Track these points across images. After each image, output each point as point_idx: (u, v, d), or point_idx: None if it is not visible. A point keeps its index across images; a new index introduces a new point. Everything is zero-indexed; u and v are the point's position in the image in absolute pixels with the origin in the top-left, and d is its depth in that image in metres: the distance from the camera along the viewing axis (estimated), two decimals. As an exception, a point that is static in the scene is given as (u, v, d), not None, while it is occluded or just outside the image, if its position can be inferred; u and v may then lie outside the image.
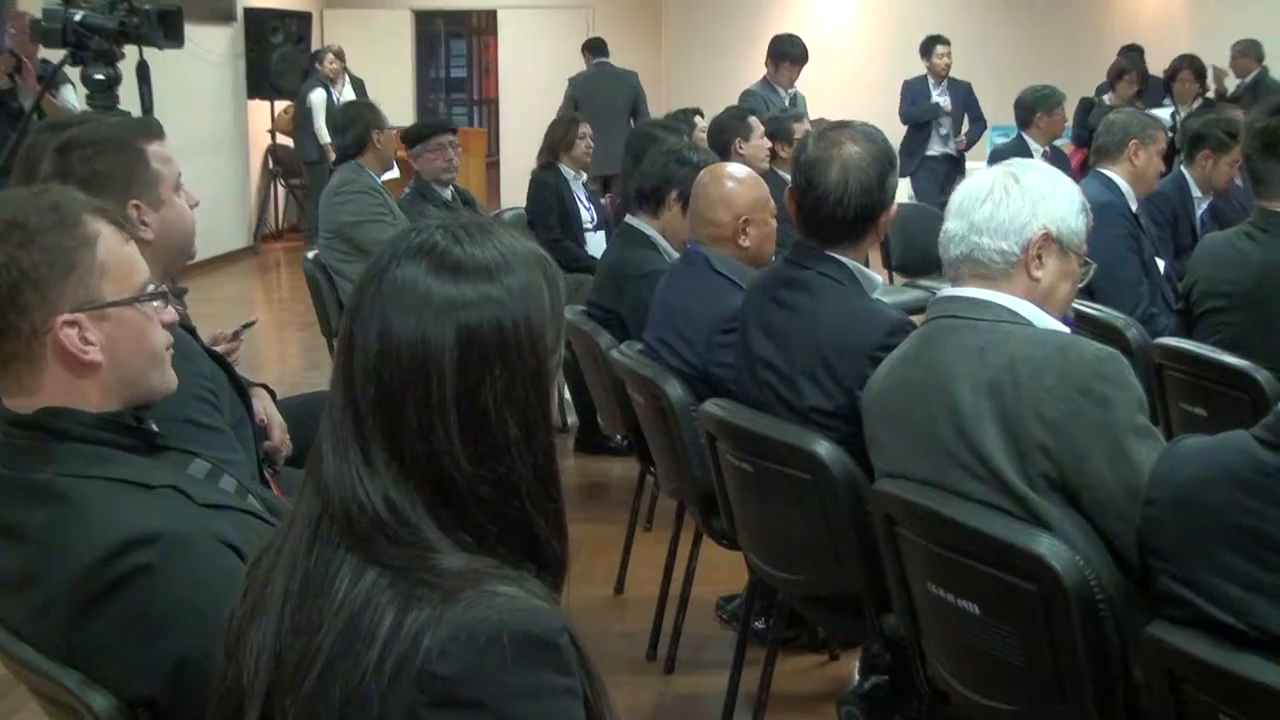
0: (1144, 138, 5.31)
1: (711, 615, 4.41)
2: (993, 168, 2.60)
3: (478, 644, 1.32)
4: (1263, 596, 1.88)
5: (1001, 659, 2.39)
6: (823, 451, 2.90)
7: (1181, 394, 3.95)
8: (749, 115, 6.32)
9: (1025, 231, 2.50)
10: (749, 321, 3.31)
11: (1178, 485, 2.06)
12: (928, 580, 2.52)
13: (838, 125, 3.23)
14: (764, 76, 8.91)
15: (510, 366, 1.40)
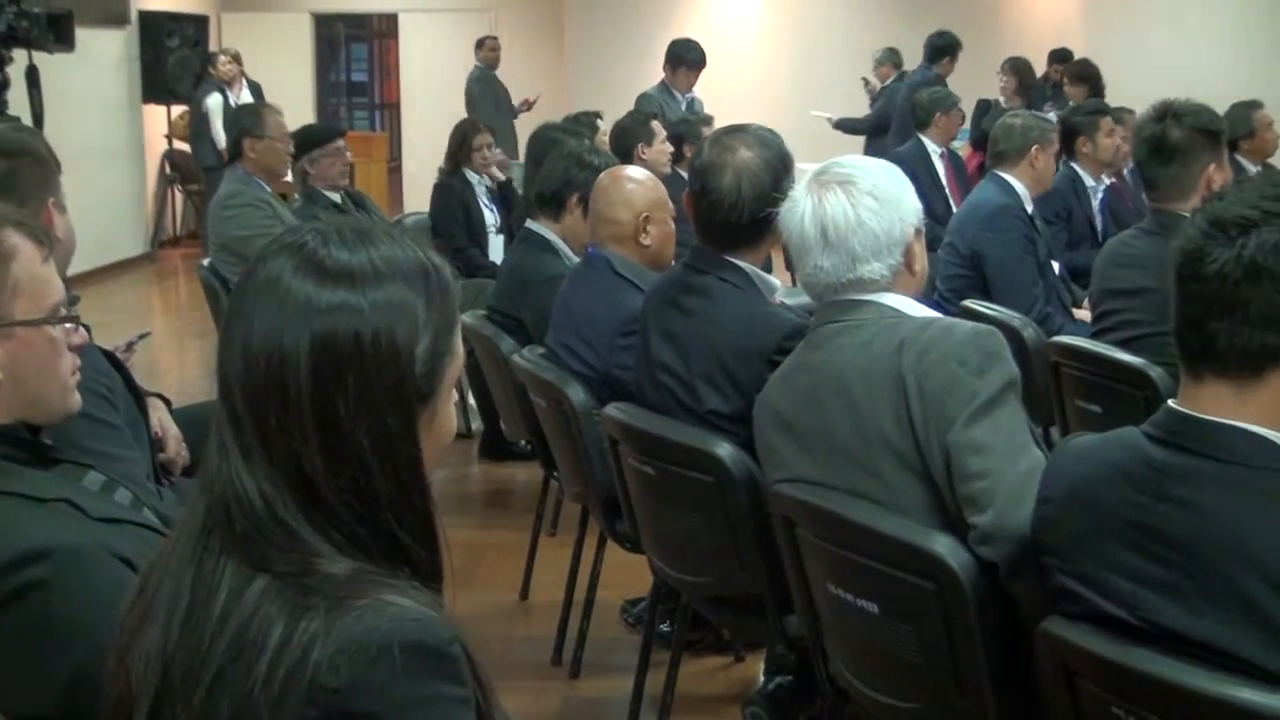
0: (1044, 141, 5.40)
1: (616, 619, 4.40)
2: (822, 187, 2.54)
3: (368, 655, 1.30)
4: (1153, 590, 1.91)
5: (901, 657, 2.41)
6: (723, 454, 2.91)
7: (1077, 391, 4.01)
8: (652, 120, 6.32)
9: (902, 240, 2.53)
10: (648, 326, 3.31)
11: (1069, 482, 2.08)
12: (827, 580, 2.54)
13: (733, 129, 3.25)
14: (661, 80, 8.92)
15: (366, 378, 1.37)
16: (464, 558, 5.00)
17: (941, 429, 2.35)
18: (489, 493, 6.05)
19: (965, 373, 2.35)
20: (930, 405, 2.36)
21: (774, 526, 2.70)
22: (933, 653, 2.34)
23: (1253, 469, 1.85)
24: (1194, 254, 1.87)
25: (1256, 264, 1.82)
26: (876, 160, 2.64)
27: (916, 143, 8.30)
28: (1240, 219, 1.84)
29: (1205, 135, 4.01)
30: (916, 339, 2.41)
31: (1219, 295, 1.85)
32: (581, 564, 4.16)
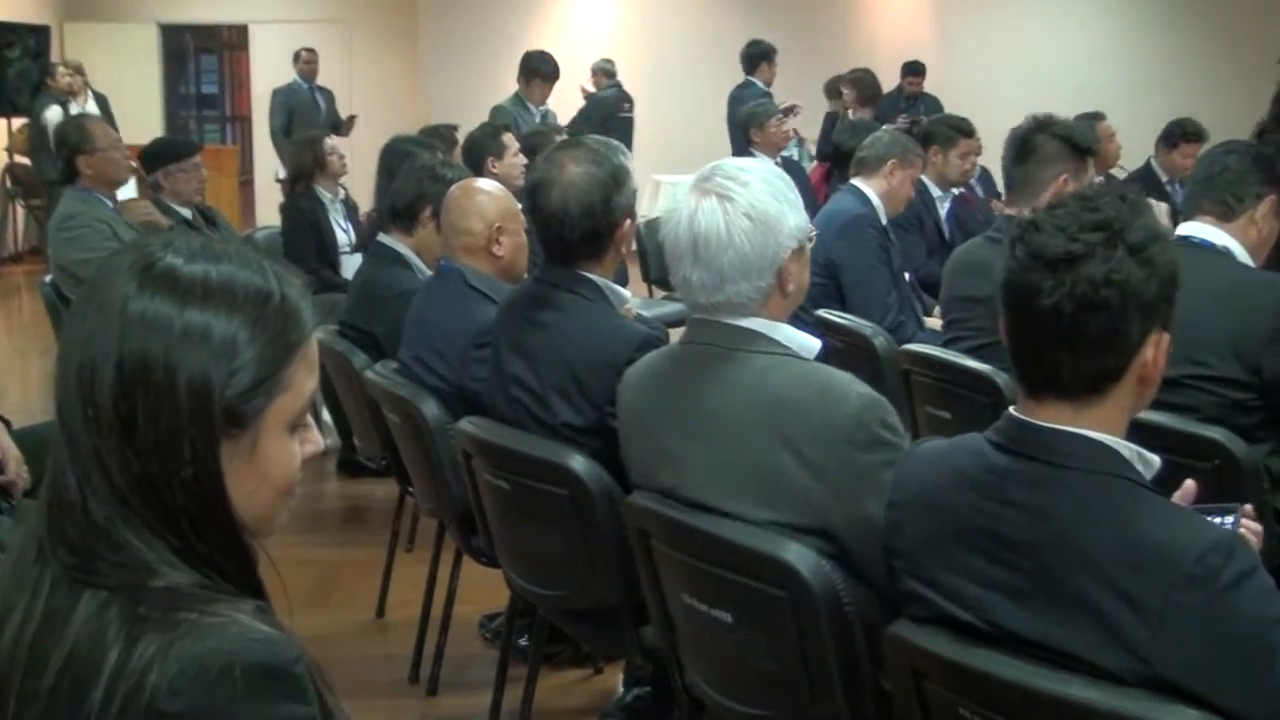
0: (904, 160, 5.48)
1: (475, 634, 4.37)
2: (702, 195, 2.47)
3: (208, 677, 1.27)
4: (997, 593, 1.94)
5: (754, 666, 2.42)
6: (578, 466, 2.90)
7: (927, 398, 4.07)
8: (503, 132, 6.28)
9: (775, 262, 2.47)
10: (501, 340, 3.30)
11: (916, 487, 2.11)
12: (682, 591, 2.54)
13: (568, 144, 3.25)
14: (515, 93, 8.90)
15: (159, 400, 1.34)
16: (319, 577, 4.93)
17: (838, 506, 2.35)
18: (345, 510, 5.97)
19: (854, 450, 2.34)
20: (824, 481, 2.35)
21: (629, 538, 2.70)
22: (786, 660, 2.36)
23: (1088, 473, 1.90)
24: (1024, 289, 1.90)
25: (1089, 297, 1.86)
26: (765, 172, 2.53)
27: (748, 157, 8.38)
28: (1065, 254, 1.87)
29: (1069, 146, 4.11)
30: (793, 399, 2.38)
31: (1057, 329, 1.89)
32: (438, 580, 4.12)
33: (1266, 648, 1.80)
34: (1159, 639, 1.78)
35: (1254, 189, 3.40)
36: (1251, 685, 1.80)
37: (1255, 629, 1.80)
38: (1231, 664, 1.79)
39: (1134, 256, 1.87)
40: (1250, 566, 1.80)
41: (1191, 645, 1.78)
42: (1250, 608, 1.79)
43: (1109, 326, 1.88)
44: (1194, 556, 1.78)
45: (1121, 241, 1.87)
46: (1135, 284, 1.87)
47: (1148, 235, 1.90)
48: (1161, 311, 1.93)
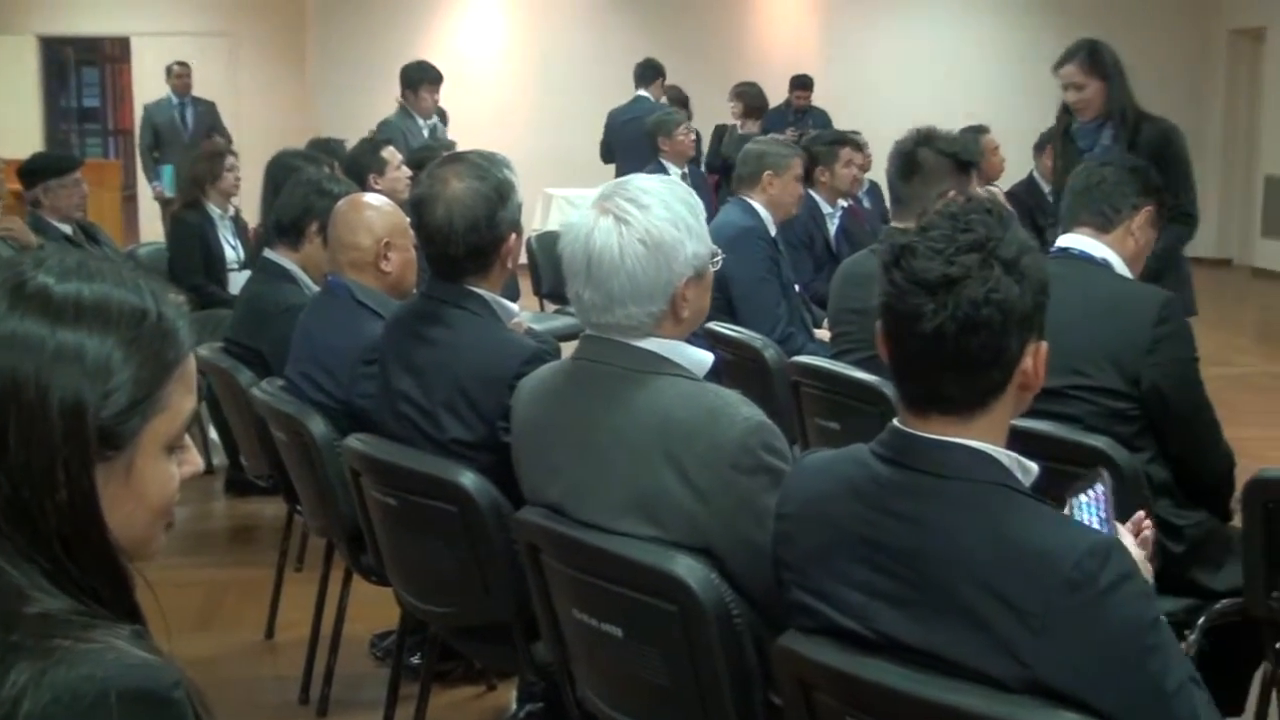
0: (777, 168, 5.52)
1: (365, 654, 4.33)
2: (601, 213, 2.44)
3: (83, 705, 1.23)
4: (883, 602, 1.96)
5: (646, 680, 2.42)
6: (467, 482, 2.89)
7: (816, 409, 4.11)
8: (384, 147, 6.20)
9: (669, 289, 2.45)
10: (388, 357, 3.27)
11: (804, 498, 2.13)
12: (573, 606, 2.53)
13: (452, 158, 3.24)
14: (401, 106, 8.85)
15: (31, 422, 1.31)
16: (206, 598, 4.86)
17: (721, 529, 2.36)
18: (233, 530, 5.89)
19: (739, 474, 2.35)
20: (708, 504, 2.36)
21: (519, 554, 2.69)
22: (677, 674, 2.36)
23: (969, 481, 1.92)
24: (903, 313, 1.91)
25: (971, 318, 1.87)
26: (669, 195, 2.48)
27: (657, 166, 8.43)
28: (944, 278, 1.87)
29: (953, 161, 4.18)
30: (682, 420, 2.38)
31: (940, 351, 1.90)
32: (328, 599, 4.08)
33: (1144, 650, 1.83)
34: (1041, 644, 1.81)
35: (1130, 200, 3.47)
36: (1130, 688, 1.83)
37: (1133, 631, 1.83)
38: (1110, 667, 1.82)
39: (1009, 273, 1.89)
40: (1127, 570, 1.83)
41: (1072, 649, 1.80)
42: (1127, 611, 1.82)
43: (991, 344, 1.91)
44: (1072, 561, 1.80)
45: (996, 259, 1.89)
46: (1013, 300, 1.89)
47: (1019, 248, 1.92)
48: (1037, 320, 1.96)
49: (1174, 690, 1.85)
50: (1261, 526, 2.95)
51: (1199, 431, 3.35)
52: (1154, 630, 1.85)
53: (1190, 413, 3.31)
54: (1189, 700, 1.88)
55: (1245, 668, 3.28)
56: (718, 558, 2.37)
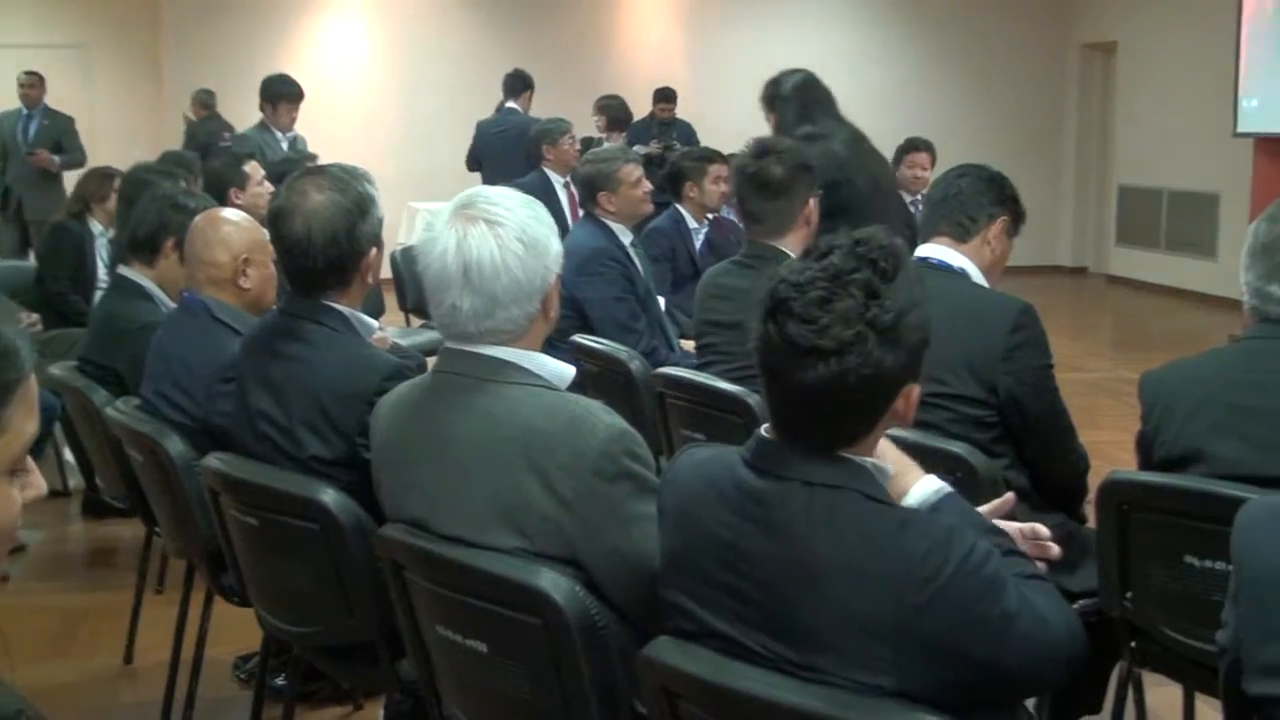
0: (608, 187, 5.50)
1: (229, 677, 4.25)
2: (468, 222, 2.44)
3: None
4: (750, 608, 1.97)
5: (512, 695, 2.41)
6: (328, 500, 2.85)
7: (682, 420, 4.12)
8: (245, 161, 6.12)
9: (545, 286, 2.49)
10: (246, 375, 3.21)
11: (676, 497, 2.14)
12: (437, 623, 2.51)
13: (312, 171, 3.20)
14: (261, 120, 8.73)
15: None
16: (63, 623, 4.74)
17: (587, 537, 2.35)
18: (91, 553, 5.75)
19: (601, 482, 2.34)
20: (572, 512, 2.35)
21: (382, 571, 2.66)
22: (542, 688, 2.35)
23: (828, 488, 1.95)
24: (776, 367, 1.93)
25: (840, 387, 1.89)
26: (523, 198, 2.54)
27: (540, 174, 8.42)
28: (815, 348, 1.87)
29: (804, 171, 4.24)
30: (543, 430, 2.37)
31: (808, 405, 1.93)
32: (189, 622, 3.99)
33: (1002, 609, 1.90)
34: (900, 647, 1.85)
35: (986, 210, 3.52)
36: (1003, 644, 1.90)
37: (988, 598, 1.90)
38: (979, 638, 1.88)
39: (884, 343, 1.89)
40: (967, 548, 1.89)
41: (938, 632, 1.85)
42: (977, 584, 1.89)
43: (859, 406, 1.94)
44: (920, 557, 1.86)
45: (873, 329, 1.88)
46: (886, 367, 1.90)
47: (900, 309, 1.90)
48: (912, 372, 1.98)
49: (1016, 613, 1.92)
50: (1114, 528, 3.02)
51: (1054, 437, 3.41)
52: (1004, 590, 1.92)
53: (1046, 418, 3.38)
54: (1045, 627, 1.96)
55: (1103, 666, 3.34)
56: (584, 567, 2.36)
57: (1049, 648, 1.99)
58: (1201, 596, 2.78)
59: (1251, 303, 2.96)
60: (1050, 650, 1.99)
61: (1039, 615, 1.97)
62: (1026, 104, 15.93)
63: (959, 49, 15.60)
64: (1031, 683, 2.01)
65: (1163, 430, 3.05)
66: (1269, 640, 1.60)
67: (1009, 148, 14.29)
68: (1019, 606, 1.94)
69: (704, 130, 11.85)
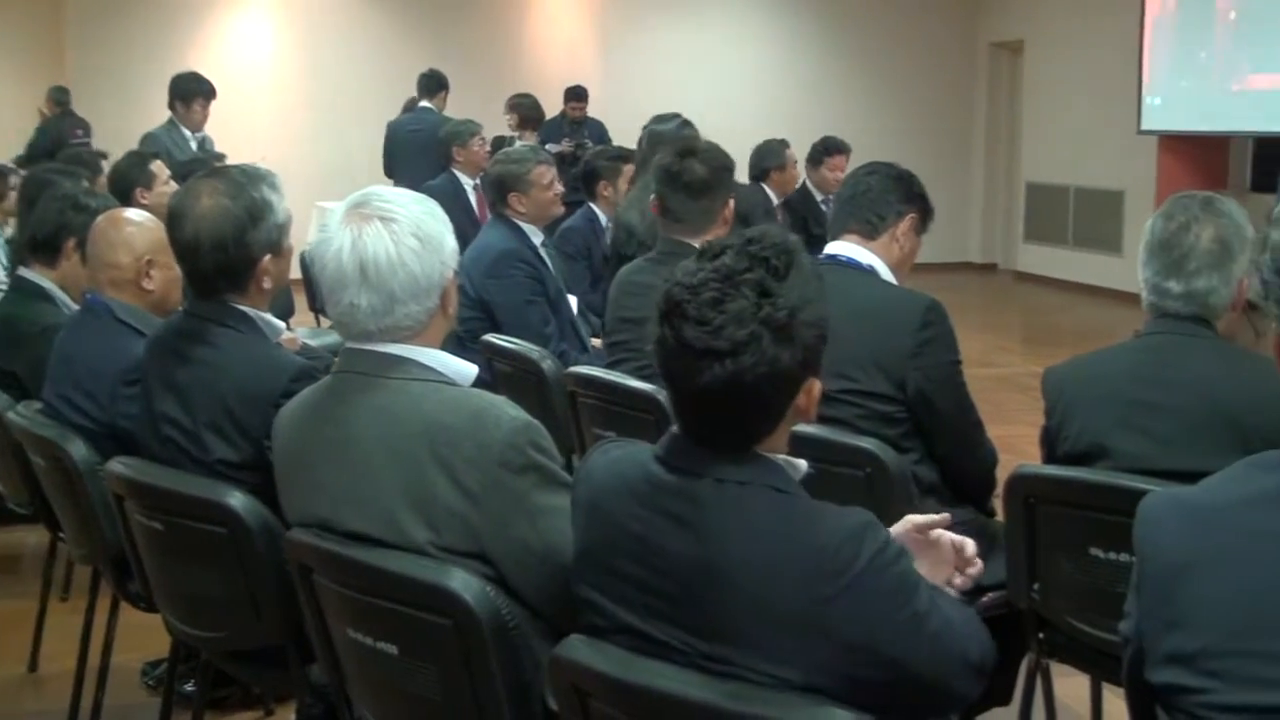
0: (519, 188, 5.50)
1: (137, 684, 4.19)
2: (363, 220, 2.43)
3: None
4: (657, 599, 1.97)
5: (423, 697, 2.39)
6: (235, 503, 2.81)
7: (594, 419, 4.11)
8: (151, 161, 6.03)
9: (442, 282, 2.48)
10: (150, 377, 3.17)
11: (590, 493, 2.14)
12: (347, 625, 2.48)
13: (209, 174, 3.19)
14: (170, 119, 8.61)
15: None
16: (-36, 633, 4.65)
17: (494, 530, 2.35)
18: (-5, 561, 5.64)
19: (507, 474, 2.34)
20: (479, 505, 2.34)
21: (291, 574, 2.63)
22: (453, 689, 2.33)
23: (740, 484, 1.95)
24: (674, 370, 1.94)
25: (737, 387, 1.89)
26: (417, 195, 2.55)
27: (449, 176, 8.38)
28: (710, 349, 1.88)
29: (724, 171, 4.26)
30: (447, 424, 2.36)
31: (710, 406, 1.94)
32: (94, 629, 3.92)
33: (913, 609, 1.92)
34: (811, 642, 1.86)
35: (895, 208, 3.55)
36: (912, 643, 1.92)
37: (900, 596, 1.92)
38: (888, 635, 1.89)
39: (779, 340, 1.89)
40: (881, 543, 1.91)
41: (847, 626, 1.86)
42: (888, 580, 1.90)
43: (759, 406, 1.95)
44: (833, 551, 1.87)
45: (766, 328, 1.88)
46: (782, 365, 1.90)
47: (792, 309, 1.91)
48: (811, 368, 1.98)
49: (926, 613, 1.94)
50: (1022, 521, 3.05)
51: (963, 431, 3.45)
52: (916, 590, 1.94)
53: (955, 413, 3.41)
54: (956, 634, 2.00)
55: (1012, 658, 3.38)
56: (492, 562, 2.36)
57: (959, 652, 2.01)
58: (1107, 588, 2.82)
59: (1150, 299, 3.02)
60: (961, 655, 2.01)
61: (948, 618, 1.99)
62: (935, 102, 16.10)
63: (868, 48, 15.73)
64: (940, 689, 2.00)
65: (1067, 425, 3.10)
66: (1170, 629, 1.62)
67: (918, 146, 14.45)
68: (929, 608, 1.96)
69: (615, 128, 11.87)
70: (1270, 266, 1.58)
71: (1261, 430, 2.77)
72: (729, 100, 14.55)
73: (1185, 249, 2.95)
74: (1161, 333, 3.00)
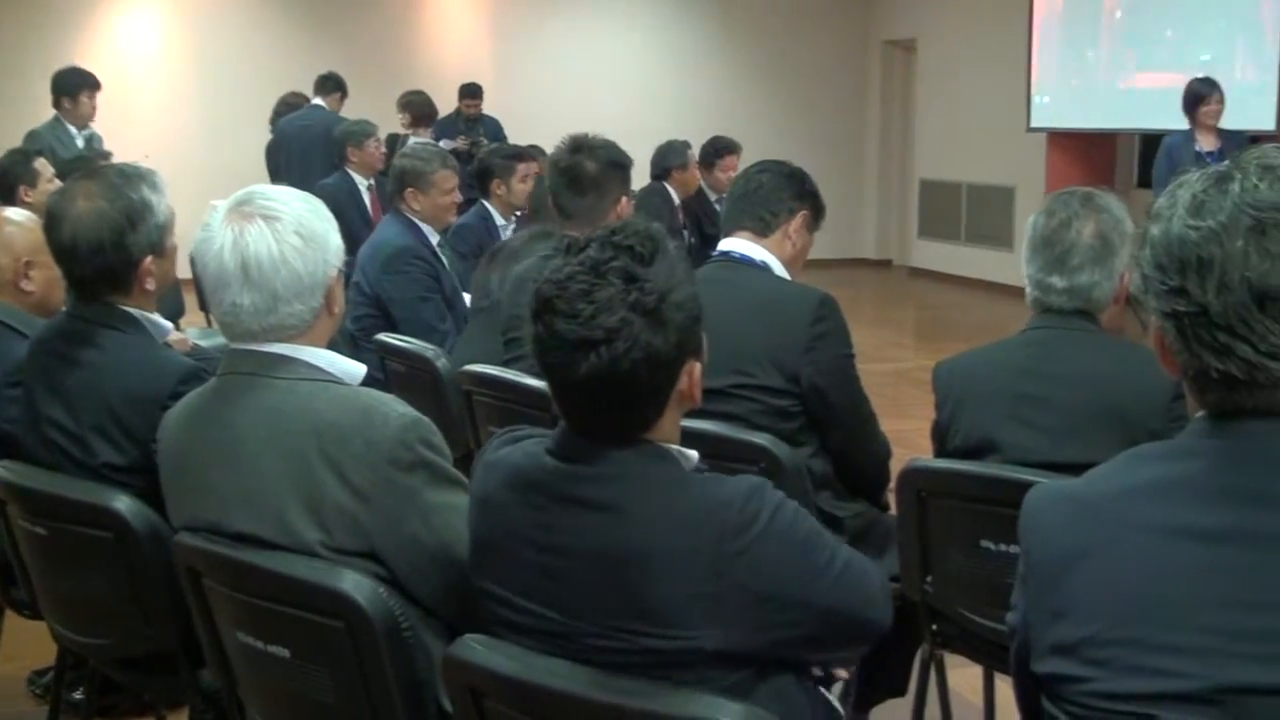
0: (419, 185, 5.48)
1: (23, 692, 4.11)
2: (244, 219, 2.41)
3: None
4: (563, 585, 1.98)
5: (317, 700, 2.37)
6: (122, 507, 2.76)
7: (490, 417, 4.09)
8: (36, 158, 5.90)
9: (326, 281, 2.46)
10: (33, 380, 3.10)
11: (486, 483, 2.13)
12: (237, 629, 2.45)
13: (87, 175, 3.13)
14: (55, 116, 8.44)
15: None
16: None
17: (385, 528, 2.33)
18: None
19: (397, 471, 2.32)
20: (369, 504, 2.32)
21: (179, 579, 2.59)
22: (346, 691, 2.31)
23: (639, 464, 1.98)
24: (553, 364, 1.96)
25: (615, 373, 1.91)
26: (301, 194, 2.53)
27: (342, 175, 8.31)
28: (583, 340, 1.90)
29: (616, 168, 4.26)
30: (336, 422, 2.34)
31: (590, 397, 1.95)
32: (-21, 637, 3.84)
33: (818, 553, 2.02)
34: (723, 608, 1.90)
35: (787, 205, 3.57)
36: (822, 584, 2.00)
37: (808, 542, 2.01)
38: (798, 578, 1.97)
39: (651, 324, 1.92)
40: (779, 498, 1.99)
41: (759, 575, 1.92)
42: (794, 525, 1.98)
43: (640, 391, 1.96)
44: (736, 508, 1.93)
45: (636, 313, 1.91)
46: (656, 348, 1.93)
47: (662, 290, 1.94)
48: (689, 349, 2.01)
49: (831, 555, 2.05)
50: (914, 514, 3.09)
51: (856, 425, 3.48)
52: (819, 535, 2.04)
53: (848, 407, 3.44)
54: (857, 569, 2.09)
55: (906, 650, 3.42)
56: (384, 561, 2.35)
57: (865, 583, 2.11)
58: (997, 579, 2.86)
59: (1034, 294, 3.07)
60: (867, 586, 2.11)
61: (848, 556, 2.08)
62: (830, 100, 16.24)
63: (763, 47, 15.83)
64: (857, 620, 2.10)
65: (957, 420, 3.14)
66: (1055, 620, 1.64)
67: (813, 144, 14.58)
68: (836, 547, 2.06)
69: (511, 126, 11.83)
70: (1150, 262, 1.61)
71: (1145, 422, 2.82)
72: (625, 98, 14.59)
73: (1067, 245, 3.00)
74: (1046, 327, 3.06)
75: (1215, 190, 1.56)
